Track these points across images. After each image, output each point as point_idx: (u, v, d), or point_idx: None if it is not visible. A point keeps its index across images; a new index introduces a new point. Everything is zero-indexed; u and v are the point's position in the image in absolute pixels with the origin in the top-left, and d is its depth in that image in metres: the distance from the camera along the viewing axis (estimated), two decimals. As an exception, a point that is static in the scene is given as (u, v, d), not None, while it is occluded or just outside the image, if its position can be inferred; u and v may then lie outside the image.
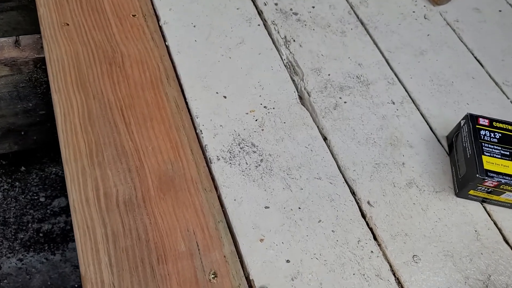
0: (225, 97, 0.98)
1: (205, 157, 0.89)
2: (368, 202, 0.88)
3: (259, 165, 0.89)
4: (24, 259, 1.27)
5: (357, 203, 0.88)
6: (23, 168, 1.38)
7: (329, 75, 1.07)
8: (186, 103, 0.96)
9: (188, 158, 0.87)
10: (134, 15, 1.07)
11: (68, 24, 1.02)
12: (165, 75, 0.98)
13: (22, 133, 1.19)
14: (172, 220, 0.79)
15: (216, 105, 0.97)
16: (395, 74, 1.10)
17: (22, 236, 1.30)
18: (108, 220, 0.77)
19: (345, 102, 1.02)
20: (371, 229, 0.85)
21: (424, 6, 1.27)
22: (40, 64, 1.04)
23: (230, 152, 0.90)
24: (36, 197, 1.35)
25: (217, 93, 0.99)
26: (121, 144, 0.86)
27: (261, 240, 0.80)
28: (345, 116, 1.00)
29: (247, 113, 0.97)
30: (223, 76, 1.02)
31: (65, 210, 1.35)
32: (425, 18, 1.24)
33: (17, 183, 1.35)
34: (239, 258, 0.78)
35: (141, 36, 1.04)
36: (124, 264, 0.73)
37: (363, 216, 0.86)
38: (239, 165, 0.89)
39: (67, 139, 0.85)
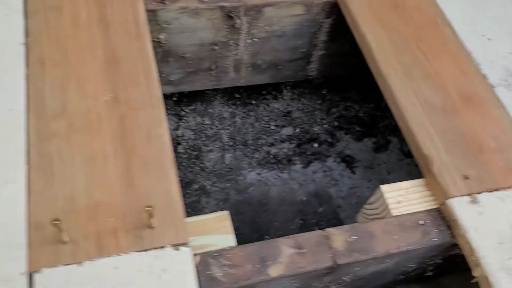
0: None
1: None
2: None
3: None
4: (262, 174, 1.53)
5: None
6: (253, 101, 1.65)
7: None
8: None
9: None
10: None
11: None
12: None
13: (279, 67, 1.44)
14: None
15: None
16: None
17: (257, 156, 1.56)
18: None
19: None
20: None
21: None
22: (326, 7, 1.28)
23: None
24: (267, 126, 1.61)
25: None
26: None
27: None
28: None
29: None
30: None
31: (290, 139, 1.60)
32: None
33: (251, 113, 1.62)
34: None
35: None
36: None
37: None
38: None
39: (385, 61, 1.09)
